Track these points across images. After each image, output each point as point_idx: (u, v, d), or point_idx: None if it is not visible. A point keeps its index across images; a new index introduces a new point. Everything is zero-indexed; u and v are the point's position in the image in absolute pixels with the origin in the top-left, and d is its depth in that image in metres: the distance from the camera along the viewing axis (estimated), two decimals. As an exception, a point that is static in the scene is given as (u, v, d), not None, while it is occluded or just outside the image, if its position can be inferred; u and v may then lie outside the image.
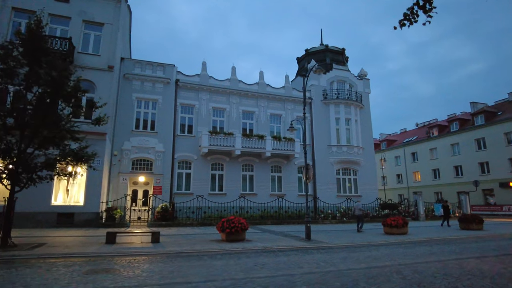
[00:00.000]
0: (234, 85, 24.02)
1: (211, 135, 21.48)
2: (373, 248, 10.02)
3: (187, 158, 21.94)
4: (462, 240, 12.24)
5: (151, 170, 20.97)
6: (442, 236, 13.31)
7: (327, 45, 29.03)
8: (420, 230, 15.96)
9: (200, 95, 23.05)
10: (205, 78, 23.44)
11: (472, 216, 16.24)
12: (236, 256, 8.56)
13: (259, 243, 10.95)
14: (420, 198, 24.03)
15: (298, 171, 24.92)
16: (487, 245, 10.62)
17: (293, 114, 25.50)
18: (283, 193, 23.69)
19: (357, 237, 13.07)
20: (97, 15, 18.31)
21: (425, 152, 42.34)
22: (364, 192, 25.73)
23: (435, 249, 9.68)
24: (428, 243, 11.42)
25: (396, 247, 10.36)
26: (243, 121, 24.06)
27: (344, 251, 9.41)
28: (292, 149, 23.53)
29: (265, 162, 23.71)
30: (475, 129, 36.09)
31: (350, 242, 11.34)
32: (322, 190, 24.71)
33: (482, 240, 12.40)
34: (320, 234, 13.90)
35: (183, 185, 21.72)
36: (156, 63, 22.54)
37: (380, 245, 10.89)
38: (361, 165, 26.40)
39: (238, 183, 22.84)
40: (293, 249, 9.90)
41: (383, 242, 11.57)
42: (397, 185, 46.41)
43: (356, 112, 26.83)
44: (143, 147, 20.85)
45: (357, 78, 28.22)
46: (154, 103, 21.83)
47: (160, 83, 22.04)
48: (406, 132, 50.90)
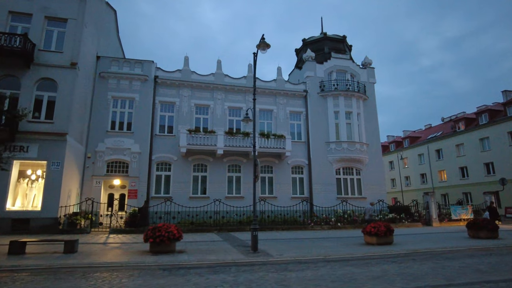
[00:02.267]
0: (219, 80, 22.31)
1: (190, 133, 19.87)
2: (324, 265, 7.76)
3: (166, 159, 20.48)
4: (463, 253, 9.54)
5: (127, 172, 19.73)
6: (434, 248, 10.62)
7: (326, 33, 26.49)
8: (413, 239, 13.24)
9: (181, 92, 21.56)
10: (187, 73, 21.93)
11: (483, 222, 13.20)
12: (145, 273, 6.74)
13: (190, 256, 9.04)
14: (432, 200, 20.80)
15: (292, 171, 22.64)
16: (497, 262, 7.96)
17: (286, 109, 23.29)
18: (274, 196, 21.54)
19: (325, 248, 10.75)
20: (60, 10, 17.38)
21: (451, 148, 38.06)
22: (370, 194, 22.86)
23: (413, 269, 7.24)
24: (410, 257, 8.92)
25: (362, 263, 8.01)
26: (229, 118, 22.23)
27: (287, 268, 7.26)
28: (283, 147, 21.32)
29: (253, 162, 21.64)
30: (507, 121, 31.64)
31: (302, 255, 9.11)
32: (319, 191, 22.21)
33: (491, 253, 9.60)
34: (280, 244, 11.76)
35: (162, 188, 20.24)
36: (134, 60, 21.40)
37: (343, 260, 8.56)
38: (365, 164, 23.56)
39: (224, 186, 21.00)
40: (225, 264, 7.91)
41: (347, 256, 9.20)
42: (422, 186, 42.22)
43: (359, 104, 24.06)
44: (118, 148, 19.67)
45: (360, 67, 25.44)
46: (131, 101, 20.64)
47: (138, 80, 20.83)
48: (430, 128, 46.48)
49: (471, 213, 22.14)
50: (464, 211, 21.75)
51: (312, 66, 24.27)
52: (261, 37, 10.61)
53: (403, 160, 45.54)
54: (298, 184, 22.57)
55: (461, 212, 21.65)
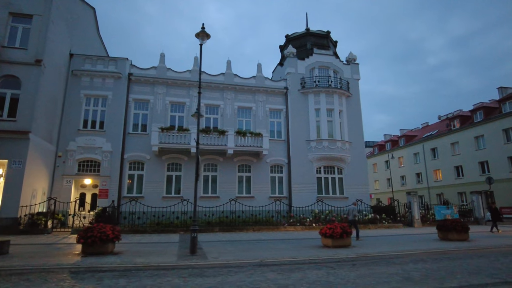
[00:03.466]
0: (195, 77, 21.78)
1: (162, 131, 19.41)
2: (249, 270, 7.18)
3: (139, 158, 20.05)
4: (413, 258, 8.86)
5: (98, 171, 19.35)
6: (388, 251, 9.96)
7: (308, 28, 25.80)
8: (377, 241, 12.59)
9: (156, 89, 21.11)
10: (163, 70, 21.47)
11: (452, 223, 12.45)
12: (52, 276, 6.24)
13: (120, 258, 8.54)
14: (414, 200, 19.99)
15: (271, 170, 22.03)
16: (438, 268, 7.30)
17: (265, 106, 22.69)
18: (251, 196, 20.97)
19: (274, 251, 10.16)
20: (25, 6, 17.04)
21: (446, 147, 37.02)
22: (352, 193, 22.11)
23: (337, 276, 6.63)
24: (352, 262, 8.29)
25: (292, 268, 7.42)
26: (206, 116, 21.69)
27: (204, 274, 6.70)
28: (260, 145, 20.72)
29: (230, 161, 21.15)
30: (502, 118, 30.57)
31: (239, 259, 8.53)
32: (299, 191, 21.56)
33: (444, 257, 8.91)
34: (229, 247, 11.21)
35: (134, 188, 19.81)
36: (108, 58, 21.07)
37: (278, 264, 7.97)
38: (347, 163, 22.82)
39: (199, 185, 20.46)
40: (146, 268, 7.37)
41: (285, 260, 8.60)
42: (417, 185, 41.20)
43: (341, 101, 23.33)
44: (90, 147, 19.30)
45: (343, 64, 24.69)
46: (104, 99, 20.26)
47: (111, 78, 20.44)
48: (427, 127, 45.40)
49: (456, 213, 21.27)
50: (449, 211, 20.88)
51: (293, 63, 23.62)
52: (201, 26, 10.03)
53: (399, 160, 44.53)
54: (277, 184, 21.95)
55: (445, 212, 20.79)
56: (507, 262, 7.79)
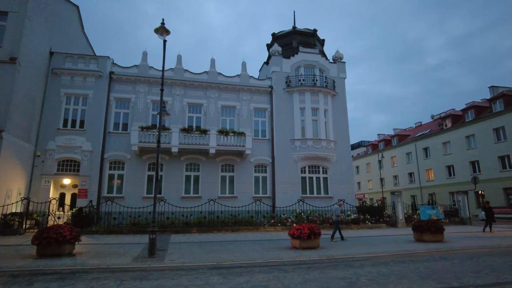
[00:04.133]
0: (178, 75, 21.55)
1: (142, 131, 19.16)
2: (196, 273, 6.93)
3: (119, 157, 19.80)
4: (376, 261, 8.62)
5: (78, 171, 19.10)
6: (357, 253, 9.71)
7: (295, 26, 25.54)
8: (351, 243, 12.33)
9: (137, 88, 20.86)
10: (144, 69, 21.21)
11: (427, 224, 12.19)
12: None
13: (75, 260, 8.29)
14: (398, 200, 19.73)
15: (255, 170, 21.77)
16: (408, 270, 7.05)
17: (249, 105, 22.42)
18: (235, 196, 20.72)
19: (240, 253, 9.91)
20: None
21: (438, 146, 36.75)
22: (337, 193, 21.86)
23: (281, 280, 6.39)
24: (310, 264, 8.04)
25: (242, 271, 7.17)
26: (188, 115, 21.45)
27: (146, 277, 6.46)
28: (243, 145, 20.45)
29: (213, 160, 20.89)
30: (493, 117, 30.30)
31: (196, 262, 8.29)
32: (283, 191, 21.30)
33: (406, 260, 8.66)
34: (196, 248, 10.97)
35: (115, 188, 19.57)
36: (89, 56, 20.83)
37: (234, 267, 7.73)
38: (332, 162, 22.57)
39: (180, 185, 20.24)
40: (95, 270, 7.12)
41: (243, 262, 8.35)
42: (410, 185, 40.95)
43: (326, 100, 23.07)
44: (69, 147, 19.06)
45: (329, 62, 24.42)
46: (84, 98, 20.02)
47: (92, 76, 20.18)
48: (421, 126, 45.12)
49: (442, 213, 21.02)
50: (434, 211, 20.62)
51: (278, 61, 23.35)
52: (161, 22, 9.76)
53: (392, 159, 44.27)
54: (261, 183, 21.70)
55: (431, 213, 20.53)
56: (467, 265, 7.53)
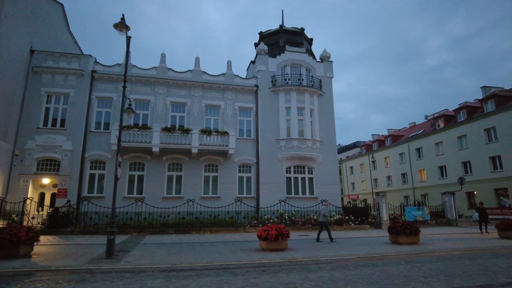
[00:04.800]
0: (161, 74, 21.29)
1: (122, 130, 18.89)
2: (143, 277, 6.68)
3: (100, 157, 19.55)
4: (346, 263, 8.37)
5: (58, 171, 18.87)
6: (322, 256, 9.45)
7: (282, 25, 25.28)
8: (322, 245, 12.04)
9: (120, 87, 20.59)
10: (128, 67, 20.94)
11: (402, 226, 11.91)
12: None
13: (31, 261, 8.04)
14: (383, 201, 19.45)
15: (239, 170, 21.51)
16: (360, 276, 6.79)
17: (234, 104, 22.16)
18: (218, 196, 20.46)
19: (205, 254, 9.66)
20: (-24, 0, 16.61)
21: (431, 147, 36.45)
22: (322, 194, 21.59)
23: (223, 285, 6.11)
24: (263, 268, 7.78)
25: (189, 275, 6.91)
26: (171, 114, 21.20)
27: (106, 279, 6.20)
28: (226, 144, 20.20)
29: (196, 160, 20.63)
30: (484, 117, 30.00)
31: (151, 263, 8.02)
32: (267, 191, 21.02)
33: (378, 263, 8.39)
34: (161, 249, 10.70)
35: (95, 188, 19.32)
36: (71, 54, 20.57)
37: (185, 269, 7.48)
38: (318, 162, 22.29)
39: (162, 185, 19.98)
40: (47, 271, 6.88)
41: (197, 265, 8.10)
42: (402, 186, 40.66)
43: (312, 100, 22.80)
44: (49, 146, 18.83)
45: (316, 61, 24.15)
46: (65, 97, 19.79)
47: (73, 75, 19.96)
48: (414, 126, 44.84)
49: (428, 214, 20.73)
50: (420, 212, 20.34)
51: (264, 60, 23.10)
52: (121, 17, 9.50)
53: (385, 160, 43.97)
54: (245, 184, 21.43)
55: (416, 214, 20.25)
56: (427, 269, 7.26)
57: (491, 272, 6.80)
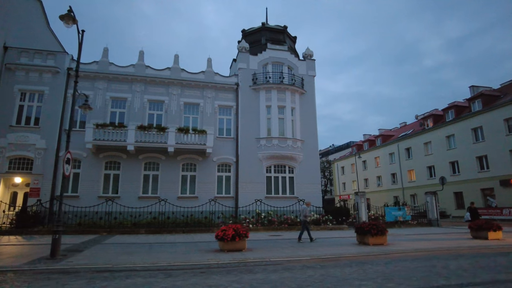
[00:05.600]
0: (139, 71, 20.98)
1: (97, 128, 18.60)
2: (69, 279, 6.37)
3: (75, 155, 19.09)
4: (295, 265, 8.08)
5: (31, 170, 18.54)
6: (269, 258, 9.15)
7: (264, 22, 24.98)
8: (285, 245, 11.74)
9: (96, 84, 20.30)
10: (105, 65, 20.65)
11: (368, 226, 11.60)
12: None
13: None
14: (361, 201, 19.15)
15: (218, 169, 21.20)
16: (298, 278, 6.49)
17: (214, 102, 21.86)
18: (195, 196, 20.15)
19: (155, 254, 9.34)
20: None
21: (420, 147, 36.20)
22: (303, 193, 21.25)
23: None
24: (211, 269, 7.48)
25: (131, 275, 6.60)
26: (149, 112, 20.89)
27: (26, 282, 5.90)
28: (203, 143, 19.89)
29: (173, 159, 20.32)
30: (471, 117, 29.75)
31: (93, 264, 7.71)
32: (246, 190, 20.73)
33: (330, 265, 8.11)
34: (116, 249, 10.38)
35: (70, 187, 18.99)
36: (46, 52, 20.22)
37: (124, 270, 7.16)
38: (299, 161, 22.00)
39: (138, 185, 19.67)
40: None
41: (131, 266, 7.79)
42: (392, 186, 40.39)
43: (294, 98, 22.51)
44: (22, 144, 18.50)
45: (298, 60, 23.87)
46: (40, 95, 19.48)
47: (48, 72, 19.65)
48: (405, 126, 44.59)
49: (409, 215, 20.44)
50: (401, 213, 20.05)
51: (245, 58, 22.80)
52: (68, 9, 9.15)
53: (375, 160, 43.70)
54: (225, 183, 21.13)
55: (397, 214, 19.96)
56: (370, 272, 6.91)
57: (435, 274, 6.49)
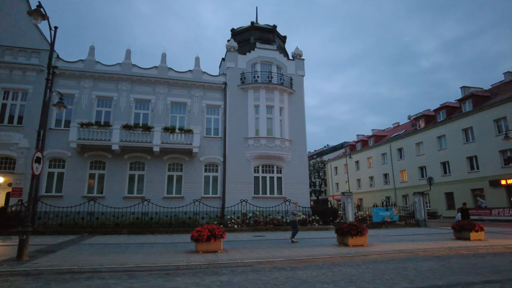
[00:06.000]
0: (125, 70, 20.76)
1: (81, 127, 18.37)
2: (24, 280, 6.19)
3: (60, 155, 18.99)
4: (258, 267, 7.96)
5: (13, 169, 18.29)
6: (245, 259, 9.02)
7: (253, 22, 24.84)
8: (264, 244, 11.60)
9: (82, 83, 20.07)
10: (91, 63, 20.42)
11: (348, 226, 11.47)
12: None
13: None
14: (348, 201, 19.03)
15: (205, 169, 21.03)
16: (249, 280, 6.35)
17: (202, 101, 21.69)
18: (181, 196, 19.96)
19: (121, 256, 9.16)
20: None
21: (412, 147, 36.19)
22: (291, 193, 21.10)
23: None
24: (177, 271, 7.33)
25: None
26: (135, 112, 20.68)
27: None
28: (190, 143, 19.71)
29: (159, 159, 20.12)
30: (462, 117, 29.76)
31: (58, 265, 7.53)
32: (234, 191, 20.55)
33: (299, 267, 7.98)
34: (85, 250, 10.18)
35: (54, 187, 18.76)
36: (31, 49, 19.96)
37: (92, 272, 6.99)
38: (287, 161, 21.87)
39: (124, 185, 19.45)
40: None
41: (97, 267, 7.62)
42: (384, 186, 40.36)
43: (282, 98, 22.38)
44: (4, 143, 18.25)
45: (287, 59, 23.74)
46: (24, 93, 19.23)
47: (32, 71, 19.41)
48: (398, 126, 44.62)
49: (397, 215, 20.36)
50: (388, 213, 19.96)
51: (233, 57, 22.64)
52: (37, 5, 8.94)
53: (368, 160, 43.68)
54: (212, 183, 20.95)
55: (384, 214, 19.87)
56: (329, 275, 6.79)
57: (402, 276, 6.37)
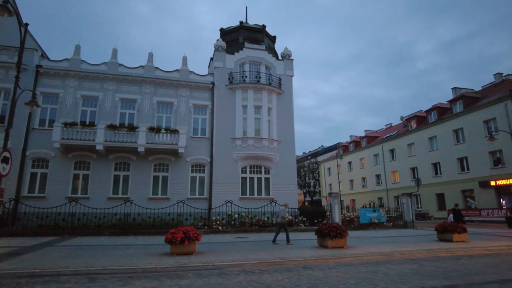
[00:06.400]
0: (111, 69, 20.54)
1: (65, 127, 18.13)
2: None
3: (43, 155, 18.73)
4: (227, 270, 7.76)
5: (-5, 169, 17.97)
6: (217, 262, 8.83)
7: (242, 21, 24.69)
8: (244, 246, 11.41)
9: (67, 82, 19.83)
10: (76, 62, 20.19)
11: (328, 228, 11.32)
12: None
13: None
14: (335, 202, 18.90)
15: (192, 170, 20.83)
16: (212, 284, 6.16)
17: (189, 101, 21.50)
18: (167, 197, 19.75)
19: (112, 257, 8.95)
20: None
21: (403, 148, 36.16)
22: (279, 194, 20.96)
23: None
24: (141, 276, 7.13)
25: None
26: (121, 111, 20.46)
27: None
28: (175, 143, 19.51)
29: (144, 159, 19.90)
30: (453, 119, 29.75)
31: (22, 268, 7.32)
32: (221, 192, 20.36)
33: (270, 270, 7.80)
34: (66, 251, 9.94)
35: (37, 187, 18.50)
36: (14, 48, 19.65)
37: (48, 275, 6.78)
38: (275, 162, 21.72)
39: (108, 185, 19.23)
40: None
41: (59, 271, 7.41)
42: (377, 187, 40.30)
43: (271, 98, 22.23)
44: (-14, 143, 17.93)
45: (276, 59, 23.59)
46: (6, 93, 18.98)
47: (15, 69, 19.07)
48: (390, 127, 44.61)
49: (384, 216, 20.25)
50: (376, 214, 19.84)
51: (221, 57, 22.48)
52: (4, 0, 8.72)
53: (360, 161, 43.62)
54: (198, 184, 20.76)
55: (372, 215, 19.75)
56: (304, 279, 6.65)
57: (367, 281, 6.20)
